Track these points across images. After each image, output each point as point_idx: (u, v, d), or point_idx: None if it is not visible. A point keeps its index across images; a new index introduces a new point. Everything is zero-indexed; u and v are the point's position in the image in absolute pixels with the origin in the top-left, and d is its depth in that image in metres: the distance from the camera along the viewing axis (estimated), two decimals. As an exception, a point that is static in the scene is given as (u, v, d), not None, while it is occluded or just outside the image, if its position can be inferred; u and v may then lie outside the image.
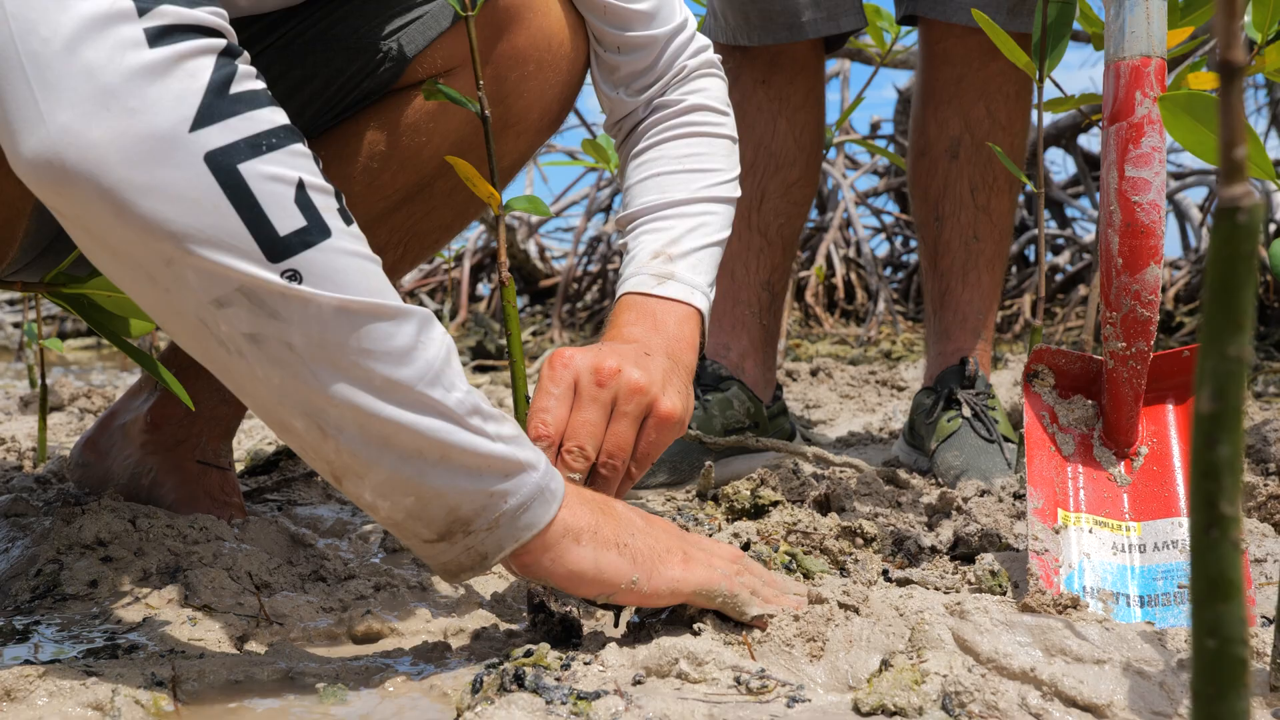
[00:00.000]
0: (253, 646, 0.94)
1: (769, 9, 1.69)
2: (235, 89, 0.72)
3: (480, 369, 3.79)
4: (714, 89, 1.23)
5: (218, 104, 0.70)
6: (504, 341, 4.33)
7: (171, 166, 0.69)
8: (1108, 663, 0.80)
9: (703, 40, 1.23)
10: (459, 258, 5.68)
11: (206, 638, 0.95)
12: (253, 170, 0.71)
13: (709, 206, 1.15)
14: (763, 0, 1.69)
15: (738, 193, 1.20)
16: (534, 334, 5.01)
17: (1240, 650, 0.37)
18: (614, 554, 0.85)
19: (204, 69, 0.70)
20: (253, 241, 0.71)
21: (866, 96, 2.60)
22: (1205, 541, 0.36)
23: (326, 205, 0.75)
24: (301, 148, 0.75)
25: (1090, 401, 1.13)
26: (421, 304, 5.89)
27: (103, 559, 1.09)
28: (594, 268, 5.69)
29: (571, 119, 5.66)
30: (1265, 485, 1.28)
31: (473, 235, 5.90)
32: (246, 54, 0.75)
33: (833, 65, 5.49)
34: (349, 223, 0.76)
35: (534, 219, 6.01)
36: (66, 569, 1.07)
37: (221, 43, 0.72)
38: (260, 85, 0.74)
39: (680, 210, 1.14)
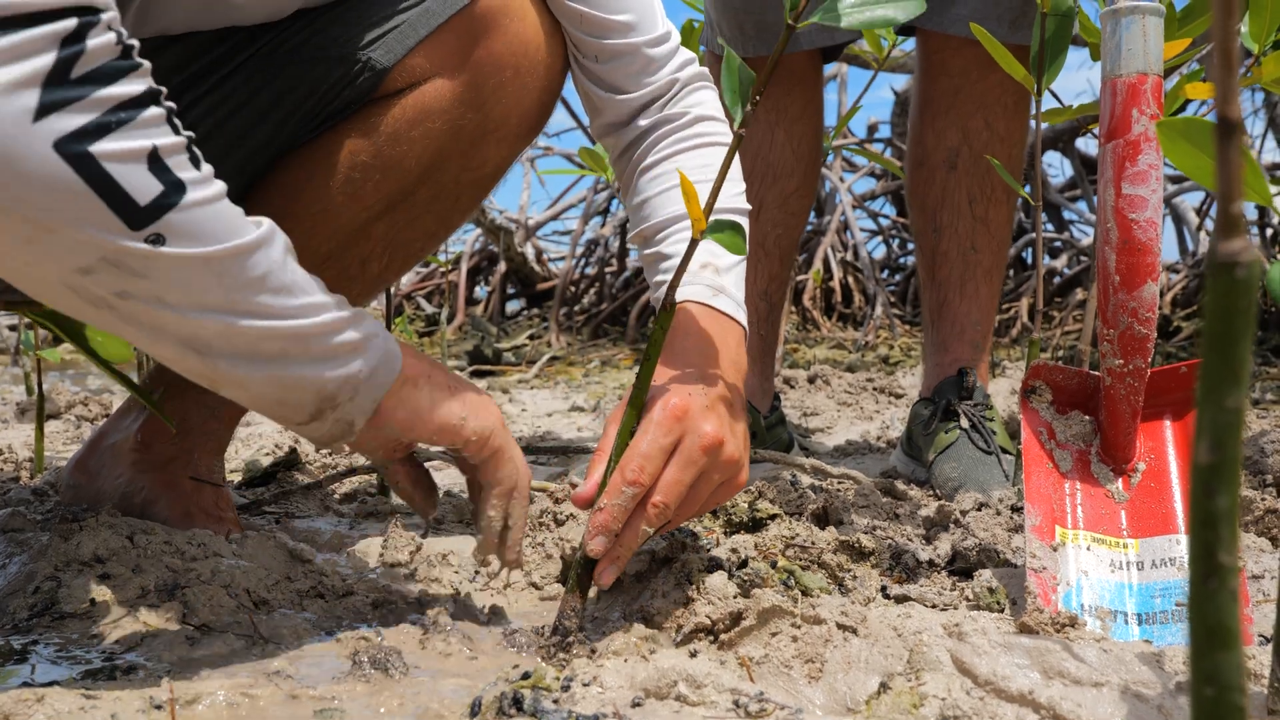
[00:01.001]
0: (251, 666, 0.94)
1: (765, 20, 1.69)
2: (79, 70, 0.73)
3: (477, 373, 3.79)
4: (711, 100, 1.23)
5: (59, 92, 0.72)
6: (501, 345, 4.32)
7: (22, 160, 0.71)
8: (1106, 685, 0.80)
9: (688, 53, 1.24)
10: (456, 261, 5.68)
11: (205, 657, 0.95)
12: (104, 150, 0.74)
13: (734, 219, 1.15)
14: (758, 12, 1.69)
15: (748, 205, 1.20)
16: (531, 337, 5.00)
17: (1238, 698, 0.37)
18: (446, 394, 0.97)
19: (42, 60, 0.71)
20: (114, 216, 0.75)
21: (863, 100, 2.60)
22: (1204, 591, 0.36)
23: (179, 162, 0.78)
24: (154, 113, 0.77)
25: (1088, 417, 1.13)
26: (419, 307, 5.89)
27: (100, 576, 1.09)
28: (591, 270, 5.69)
29: (568, 122, 5.66)
30: (1262, 499, 1.28)
31: (470, 238, 5.90)
32: (107, 16, 0.75)
33: (830, 69, 5.49)
34: (199, 166, 0.80)
35: (531, 222, 6.01)
36: (64, 586, 1.07)
37: (68, 26, 0.72)
38: (110, 57, 0.75)
39: (712, 221, 1.14)
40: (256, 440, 2.14)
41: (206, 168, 0.81)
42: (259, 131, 1.16)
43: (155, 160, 0.76)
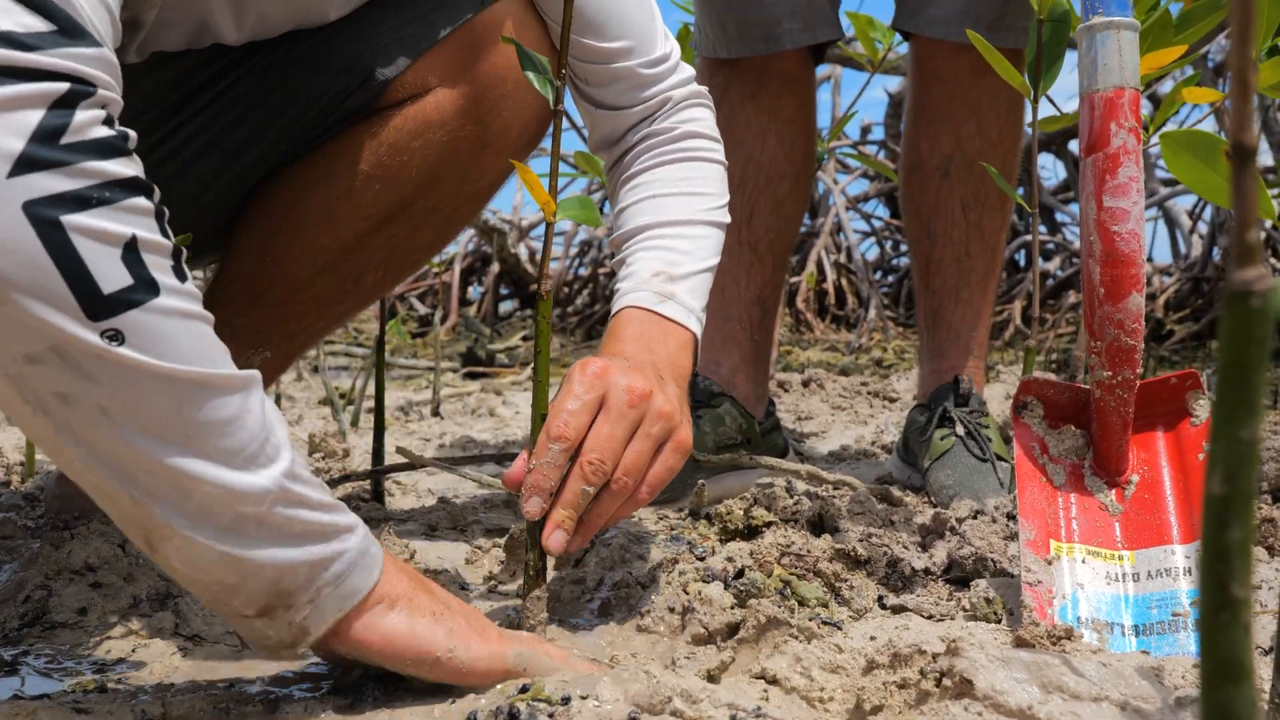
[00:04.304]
0: (243, 678, 0.93)
1: (746, 19, 1.69)
2: (70, 139, 0.67)
3: (470, 375, 3.78)
4: (704, 118, 1.24)
5: (43, 153, 0.66)
6: (494, 347, 4.31)
7: None
8: (1105, 700, 0.79)
9: (688, 71, 1.24)
10: (449, 262, 5.67)
11: (197, 670, 0.94)
12: (77, 223, 0.67)
13: (704, 230, 1.16)
14: (739, 10, 1.69)
15: (729, 219, 1.21)
16: (524, 338, 4.99)
17: (1250, 732, 0.36)
18: (429, 621, 0.83)
19: (29, 117, 0.65)
20: (71, 298, 0.67)
21: (857, 100, 2.61)
22: (1216, 625, 0.36)
23: (158, 263, 0.71)
24: (141, 202, 0.71)
25: (1080, 431, 1.14)
26: (412, 308, 5.88)
27: (92, 585, 1.08)
28: (584, 271, 5.69)
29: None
30: (1260, 508, 1.28)
31: (464, 239, 5.89)
32: (104, 95, 0.70)
33: (823, 70, 5.49)
34: (183, 280, 0.73)
35: (525, 223, 6.00)
36: (55, 595, 1.06)
37: (60, 88, 0.67)
38: (106, 133, 0.70)
39: (678, 231, 1.15)
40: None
41: (191, 287, 0.74)
42: (259, 143, 1.15)
43: (131, 251, 0.69)
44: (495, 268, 5.76)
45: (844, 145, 5.19)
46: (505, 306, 6.05)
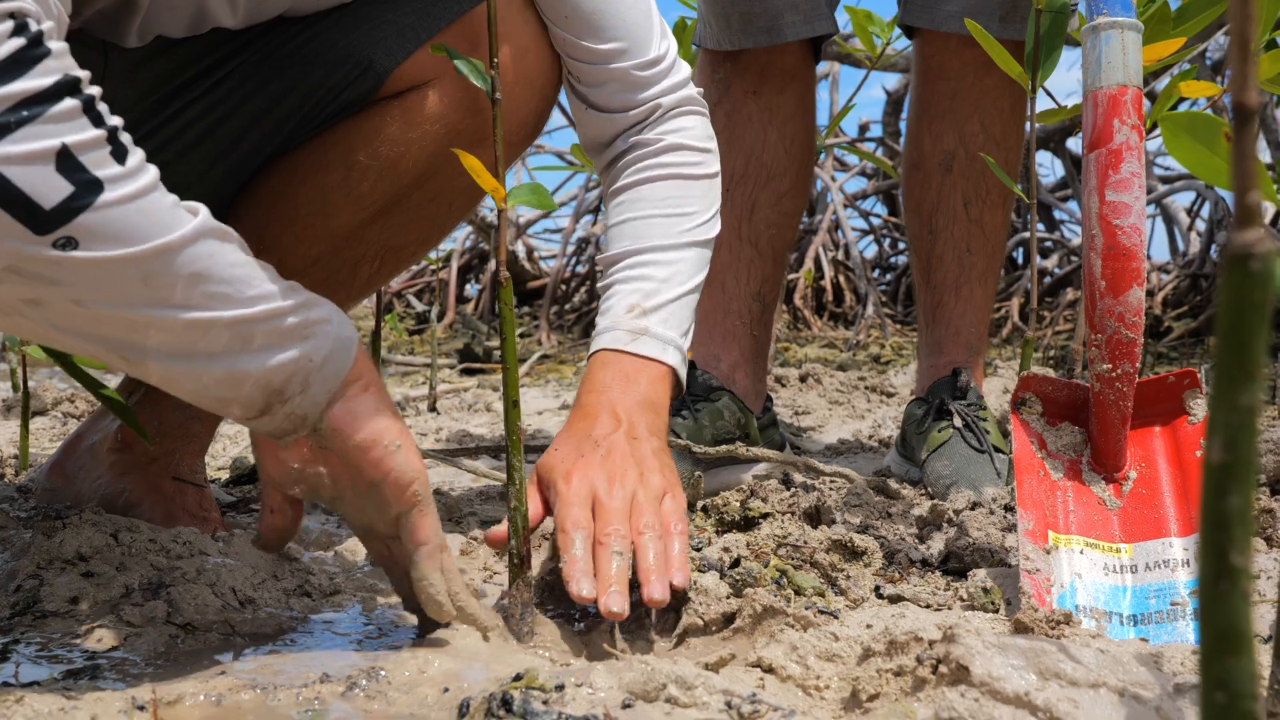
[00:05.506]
0: (235, 666, 0.93)
1: (749, 11, 1.69)
2: None
3: (467, 371, 3.78)
4: (694, 127, 1.23)
5: None
6: (491, 344, 4.31)
7: None
8: (1103, 686, 0.79)
9: (683, 73, 1.23)
10: (447, 259, 5.66)
11: (189, 658, 0.93)
12: (2, 155, 0.68)
13: (683, 253, 1.18)
14: (743, 3, 1.68)
15: (716, 229, 1.22)
16: (522, 335, 4.99)
17: (1250, 704, 0.36)
18: (389, 414, 0.90)
19: None
20: (14, 223, 0.69)
21: (854, 99, 2.61)
22: (1215, 593, 0.35)
23: (97, 158, 0.72)
24: (65, 106, 0.70)
25: (1078, 428, 1.14)
26: (409, 305, 5.87)
27: (84, 574, 1.07)
28: (582, 269, 5.68)
29: (559, 119, 5.64)
30: (1257, 499, 1.27)
31: (461, 236, 5.88)
32: (10, 5, 0.69)
33: (821, 67, 5.48)
34: (124, 158, 0.74)
35: (522, 220, 6.00)
36: (47, 585, 1.05)
37: None
38: (12, 48, 0.68)
39: (656, 257, 1.17)
40: (244, 437, 2.12)
41: (134, 158, 0.75)
42: (255, 133, 1.15)
43: (66, 159, 0.70)
44: (493, 265, 5.75)
45: (841, 142, 5.19)
46: (503, 304, 6.04)
